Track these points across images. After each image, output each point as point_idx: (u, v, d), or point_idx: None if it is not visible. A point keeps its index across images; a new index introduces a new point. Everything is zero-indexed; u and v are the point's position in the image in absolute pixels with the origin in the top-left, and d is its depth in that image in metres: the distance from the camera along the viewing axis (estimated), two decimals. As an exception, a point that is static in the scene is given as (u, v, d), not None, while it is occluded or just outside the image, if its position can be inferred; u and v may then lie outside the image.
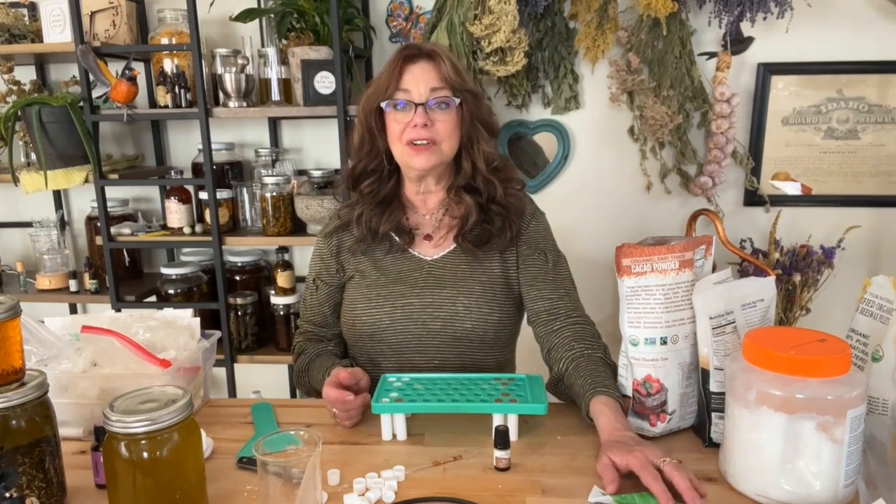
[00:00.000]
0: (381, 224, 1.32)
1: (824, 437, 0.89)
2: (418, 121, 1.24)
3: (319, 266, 1.40)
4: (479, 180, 1.31)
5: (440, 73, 1.25)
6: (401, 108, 1.26)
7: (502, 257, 1.34)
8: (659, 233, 1.71)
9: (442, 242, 1.35)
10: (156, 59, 2.17)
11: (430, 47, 1.28)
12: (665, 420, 1.11)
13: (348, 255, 1.37)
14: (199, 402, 1.29)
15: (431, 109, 1.25)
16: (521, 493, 0.97)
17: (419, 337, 1.30)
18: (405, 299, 1.31)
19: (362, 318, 1.32)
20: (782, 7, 1.97)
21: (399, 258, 1.35)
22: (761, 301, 1.11)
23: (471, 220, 1.31)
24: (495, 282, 1.33)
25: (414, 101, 1.25)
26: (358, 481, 0.99)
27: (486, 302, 1.30)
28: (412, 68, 1.26)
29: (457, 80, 1.26)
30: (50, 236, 2.41)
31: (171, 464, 0.87)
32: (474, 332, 1.29)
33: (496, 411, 1.10)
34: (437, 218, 1.36)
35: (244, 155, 2.40)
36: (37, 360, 1.17)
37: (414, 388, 1.18)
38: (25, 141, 2.25)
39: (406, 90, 1.25)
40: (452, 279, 1.32)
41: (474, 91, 1.30)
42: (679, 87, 2.10)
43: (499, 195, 1.31)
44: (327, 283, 1.39)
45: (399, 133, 1.27)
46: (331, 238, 1.39)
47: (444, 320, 1.29)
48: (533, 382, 1.19)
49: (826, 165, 2.21)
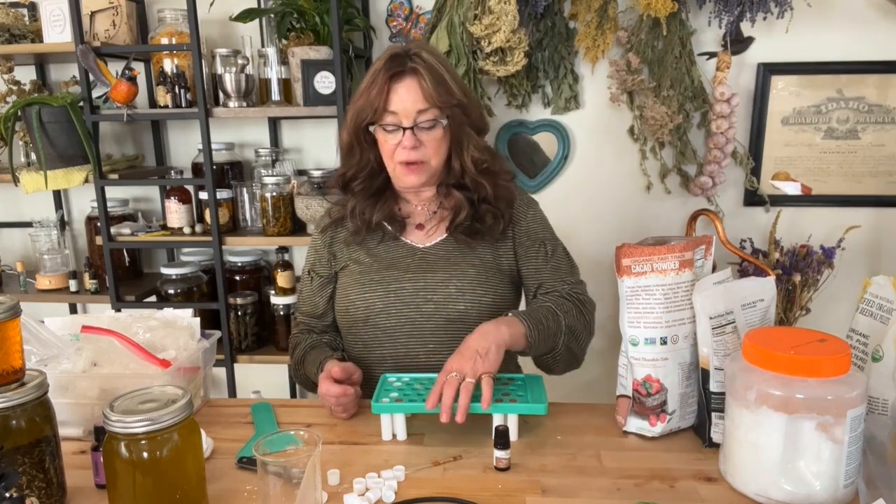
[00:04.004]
0: (374, 214, 1.35)
1: (824, 437, 0.89)
2: (407, 143, 1.25)
3: (314, 258, 1.43)
4: (468, 180, 1.33)
5: (424, 92, 1.24)
6: (390, 131, 1.27)
7: (495, 245, 1.36)
8: (659, 233, 1.72)
9: (434, 232, 1.37)
10: (156, 59, 2.17)
11: (414, 63, 1.24)
12: (665, 420, 1.11)
13: (342, 245, 1.39)
14: (199, 402, 1.29)
15: (420, 130, 1.26)
16: (521, 493, 0.97)
17: (413, 321, 1.31)
18: (398, 283, 1.32)
19: (356, 304, 1.33)
20: (782, 7, 1.97)
21: (392, 246, 1.37)
22: (761, 301, 1.11)
23: (461, 215, 1.32)
24: (488, 266, 1.34)
25: (402, 124, 1.25)
26: (358, 481, 0.99)
27: (479, 284, 1.31)
28: (398, 87, 1.24)
29: (442, 97, 1.24)
30: (50, 236, 2.41)
31: (171, 464, 0.87)
32: (468, 314, 1.29)
33: (496, 411, 1.10)
34: (429, 209, 1.38)
35: (244, 155, 2.40)
36: (37, 360, 1.17)
37: (414, 388, 1.18)
38: (25, 141, 2.25)
39: (394, 112, 1.25)
40: (445, 265, 1.33)
41: (461, 103, 1.28)
42: (679, 87, 2.10)
43: (489, 195, 1.33)
44: (320, 273, 1.41)
45: (390, 152, 1.28)
46: (325, 232, 1.42)
47: (437, 303, 1.30)
48: (533, 382, 1.19)
49: (826, 165, 2.21)
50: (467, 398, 1.06)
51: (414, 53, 1.26)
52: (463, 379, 1.08)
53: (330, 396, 1.18)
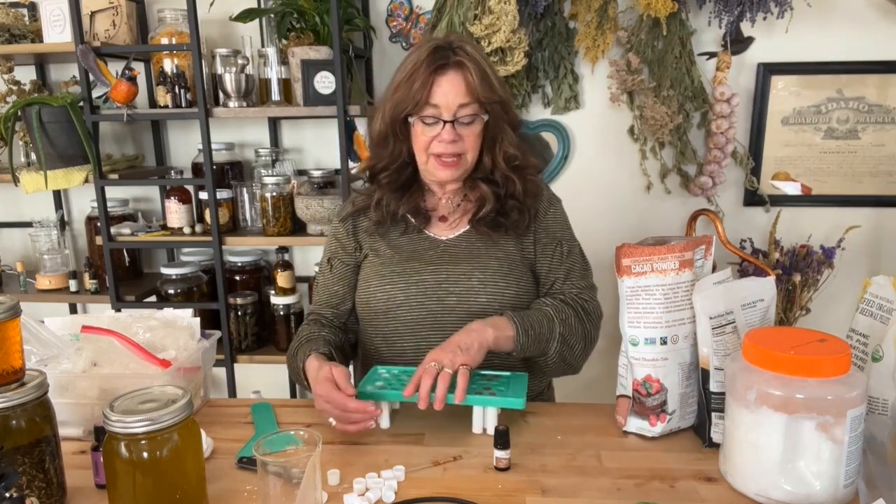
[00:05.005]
0: (399, 207, 1.34)
1: (824, 437, 0.89)
2: (446, 137, 1.24)
3: (335, 245, 1.41)
4: (497, 175, 1.32)
5: (468, 87, 1.23)
6: (429, 124, 1.25)
7: (518, 238, 1.35)
8: (659, 233, 1.71)
9: (457, 224, 1.36)
10: (156, 59, 2.17)
11: (459, 56, 1.24)
12: (665, 420, 1.11)
13: (364, 234, 1.38)
14: (199, 402, 1.29)
15: (459, 125, 1.25)
16: (521, 493, 0.97)
17: (434, 314, 1.29)
18: (419, 276, 1.30)
19: (376, 295, 1.32)
20: (782, 7, 1.98)
21: (414, 238, 1.36)
22: (761, 301, 1.11)
23: (487, 208, 1.31)
24: (511, 259, 1.33)
25: (443, 117, 1.24)
26: (358, 481, 0.99)
27: (501, 277, 1.30)
28: (441, 80, 1.23)
29: (485, 92, 1.24)
30: (50, 236, 2.41)
31: (171, 464, 0.87)
32: (490, 306, 1.28)
33: (474, 403, 1.12)
34: (453, 201, 1.37)
35: (244, 155, 2.40)
36: (37, 360, 1.17)
37: (400, 380, 1.19)
38: (25, 141, 2.25)
39: (435, 105, 1.23)
40: (467, 257, 1.32)
41: (503, 100, 1.28)
42: (679, 87, 2.10)
43: (517, 191, 1.31)
44: (343, 261, 1.39)
45: (425, 145, 1.27)
46: (346, 221, 1.40)
47: (459, 296, 1.29)
48: (516, 379, 1.20)
49: (826, 165, 2.21)
50: (444, 387, 1.08)
51: (457, 46, 1.25)
52: (441, 369, 1.10)
53: (349, 413, 1.09)
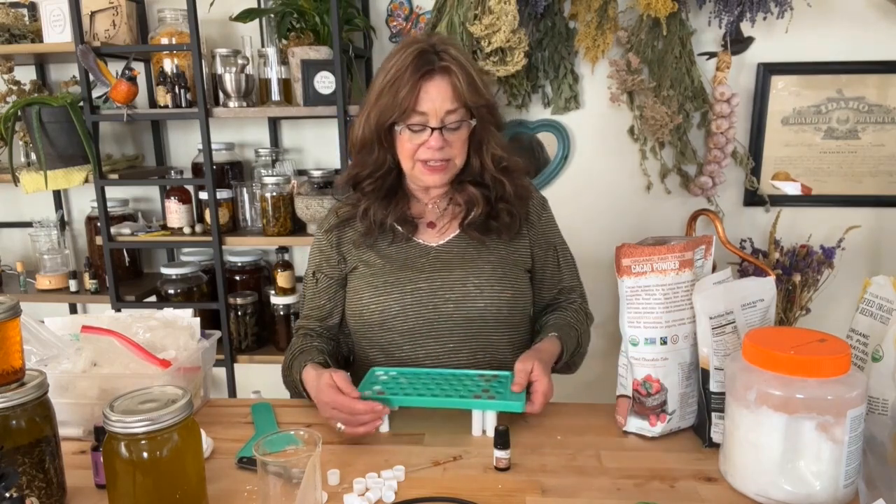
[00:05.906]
0: (387, 216, 1.31)
1: (824, 437, 0.89)
2: (434, 144, 1.22)
3: (319, 259, 1.38)
4: (486, 178, 1.30)
5: (456, 92, 1.21)
6: (416, 131, 1.23)
7: (509, 241, 1.34)
8: (659, 233, 1.71)
9: (446, 229, 1.35)
10: (156, 59, 2.17)
11: (445, 62, 1.21)
12: (665, 420, 1.11)
13: (350, 246, 1.35)
14: (199, 402, 1.29)
15: (447, 130, 1.23)
16: (521, 493, 0.97)
17: (431, 322, 1.28)
18: (413, 284, 1.29)
19: (370, 307, 1.30)
20: (782, 7, 1.97)
21: (403, 247, 1.33)
22: (761, 301, 1.11)
23: (476, 211, 1.29)
24: (504, 261, 1.32)
25: (430, 124, 1.21)
26: (358, 481, 0.99)
27: (497, 280, 1.29)
28: (428, 87, 1.20)
29: (473, 96, 1.22)
30: (50, 236, 2.41)
31: (171, 464, 0.87)
32: (488, 310, 1.28)
33: (474, 407, 1.12)
34: (439, 206, 1.36)
35: (244, 155, 2.40)
36: (37, 360, 1.17)
37: (398, 382, 1.19)
38: (25, 141, 2.25)
39: (423, 112, 1.21)
40: (460, 262, 1.31)
41: (489, 103, 1.26)
42: (679, 87, 2.10)
43: (507, 193, 1.30)
44: (328, 275, 1.37)
45: (412, 152, 1.24)
46: (331, 232, 1.37)
47: (455, 302, 1.28)
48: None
49: (826, 165, 2.21)
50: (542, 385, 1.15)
51: (441, 50, 1.22)
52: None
53: (357, 415, 1.09)
